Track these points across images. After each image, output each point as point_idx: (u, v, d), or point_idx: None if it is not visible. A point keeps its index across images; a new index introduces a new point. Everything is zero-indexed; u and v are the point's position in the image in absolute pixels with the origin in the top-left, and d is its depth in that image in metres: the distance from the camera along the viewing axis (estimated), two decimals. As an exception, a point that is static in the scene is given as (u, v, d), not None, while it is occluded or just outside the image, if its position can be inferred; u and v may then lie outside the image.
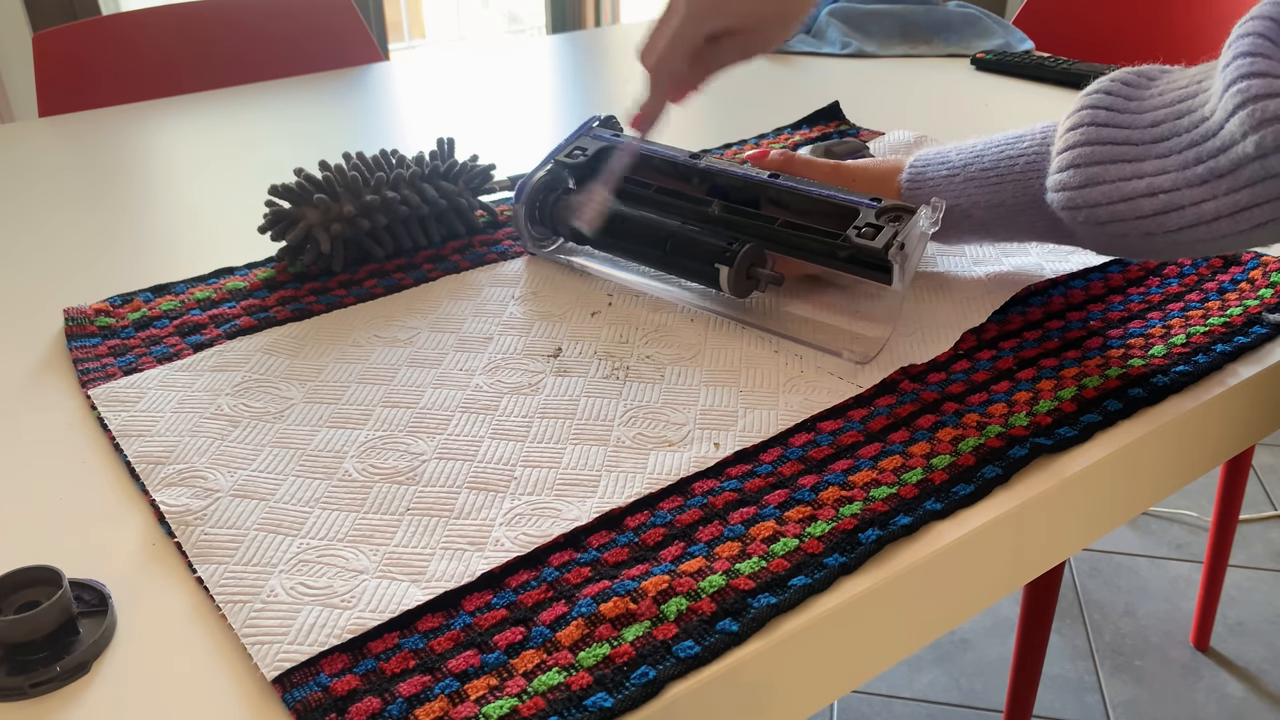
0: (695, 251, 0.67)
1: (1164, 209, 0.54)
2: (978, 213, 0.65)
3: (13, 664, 0.42)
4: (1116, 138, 0.56)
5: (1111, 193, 0.56)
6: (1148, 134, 0.55)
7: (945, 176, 0.66)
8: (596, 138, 0.76)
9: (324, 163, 0.74)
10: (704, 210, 0.70)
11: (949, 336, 0.64)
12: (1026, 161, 0.62)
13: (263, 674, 0.41)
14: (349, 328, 0.66)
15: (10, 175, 0.94)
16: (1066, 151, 0.58)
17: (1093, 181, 0.56)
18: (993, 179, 0.64)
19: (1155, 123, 0.55)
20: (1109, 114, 0.57)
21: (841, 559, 0.47)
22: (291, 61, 1.33)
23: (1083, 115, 0.58)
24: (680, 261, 0.68)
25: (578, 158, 0.75)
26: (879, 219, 0.63)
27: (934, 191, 0.66)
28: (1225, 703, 1.43)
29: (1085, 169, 0.57)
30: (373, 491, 0.51)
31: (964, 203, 0.65)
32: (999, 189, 0.64)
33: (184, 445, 0.55)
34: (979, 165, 0.65)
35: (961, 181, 0.65)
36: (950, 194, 0.66)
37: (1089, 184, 0.56)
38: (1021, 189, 0.63)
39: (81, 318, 0.67)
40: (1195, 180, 0.52)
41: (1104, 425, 0.57)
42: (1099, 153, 0.56)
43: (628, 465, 0.53)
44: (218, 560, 0.47)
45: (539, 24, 2.70)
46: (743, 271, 0.66)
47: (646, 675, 0.41)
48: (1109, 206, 0.56)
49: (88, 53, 1.24)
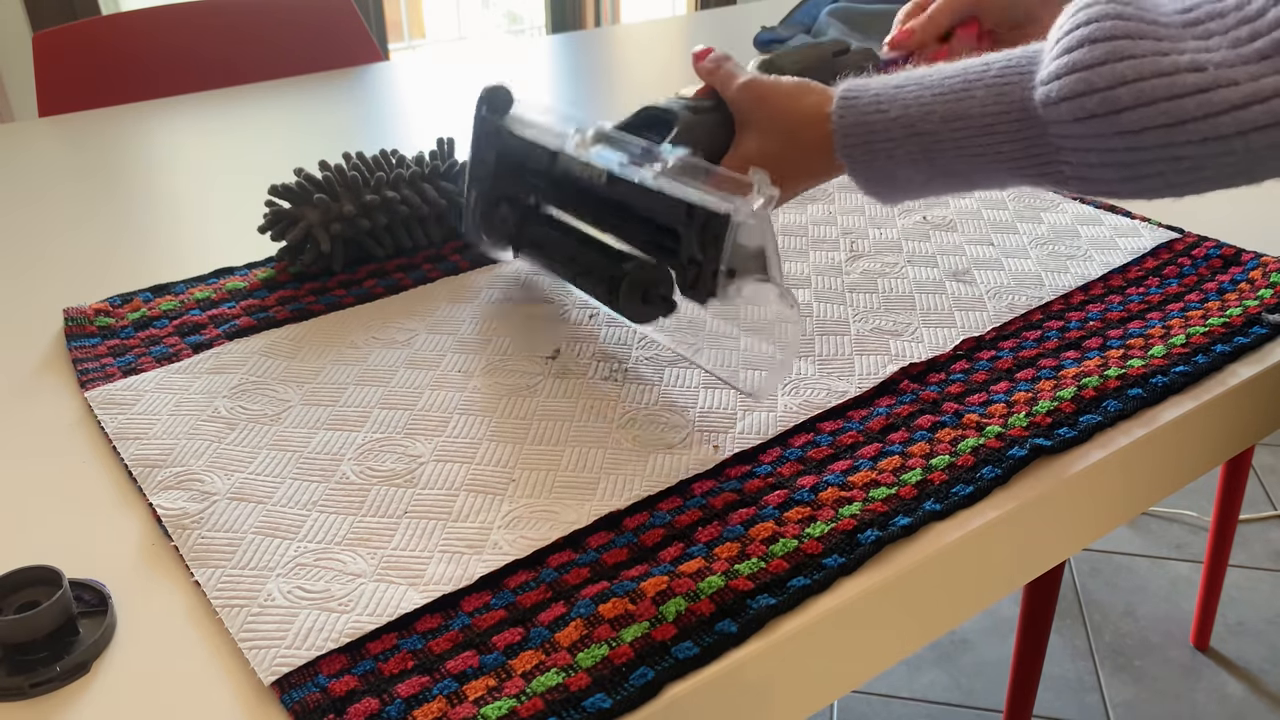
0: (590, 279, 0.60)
1: (1211, 84, 0.45)
2: (928, 126, 0.53)
3: (13, 664, 0.42)
4: (1144, 17, 0.47)
5: (1143, 67, 0.46)
6: (1179, 19, 0.47)
7: (894, 87, 0.55)
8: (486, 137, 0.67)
9: (324, 163, 0.74)
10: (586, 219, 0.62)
11: (949, 339, 0.64)
12: (1006, 64, 0.52)
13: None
14: (346, 329, 0.66)
15: (10, 175, 0.94)
16: (1079, 29, 0.48)
17: (1116, 56, 0.46)
18: (957, 84, 0.53)
19: (1187, 8, 0.47)
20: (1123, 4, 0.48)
21: (841, 560, 0.47)
22: (291, 61, 1.33)
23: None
24: (588, 289, 0.62)
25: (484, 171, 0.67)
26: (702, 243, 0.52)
27: (874, 102, 0.54)
28: (1225, 703, 1.43)
29: (1105, 43, 0.47)
30: (370, 494, 0.51)
31: (914, 113, 0.53)
32: (965, 95, 0.53)
33: (181, 448, 0.55)
34: (938, 75, 0.54)
35: (914, 89, 0.54)
36: (897, 105, 0.54)
37: (1112, 58, 0.46)
38: (994, 95, 0.52)
39: (81, 318, 0.67)
40: (1253, 56, 0.44)
41: (1103, 426, 0.56)
42: (1122, 28, 0.47)
43: (627, 467, 0.53)
44: (215, 564, 0.47)
45: (539, 24, 2.70)
46: (635, 297, 0.58)
47: (645, 676, 0.41)
48: (1136, 85, 0.46)
49: (88, 53, 1.24)
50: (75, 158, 0.98)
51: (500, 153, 0.66)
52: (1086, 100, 0.47)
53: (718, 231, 0.51)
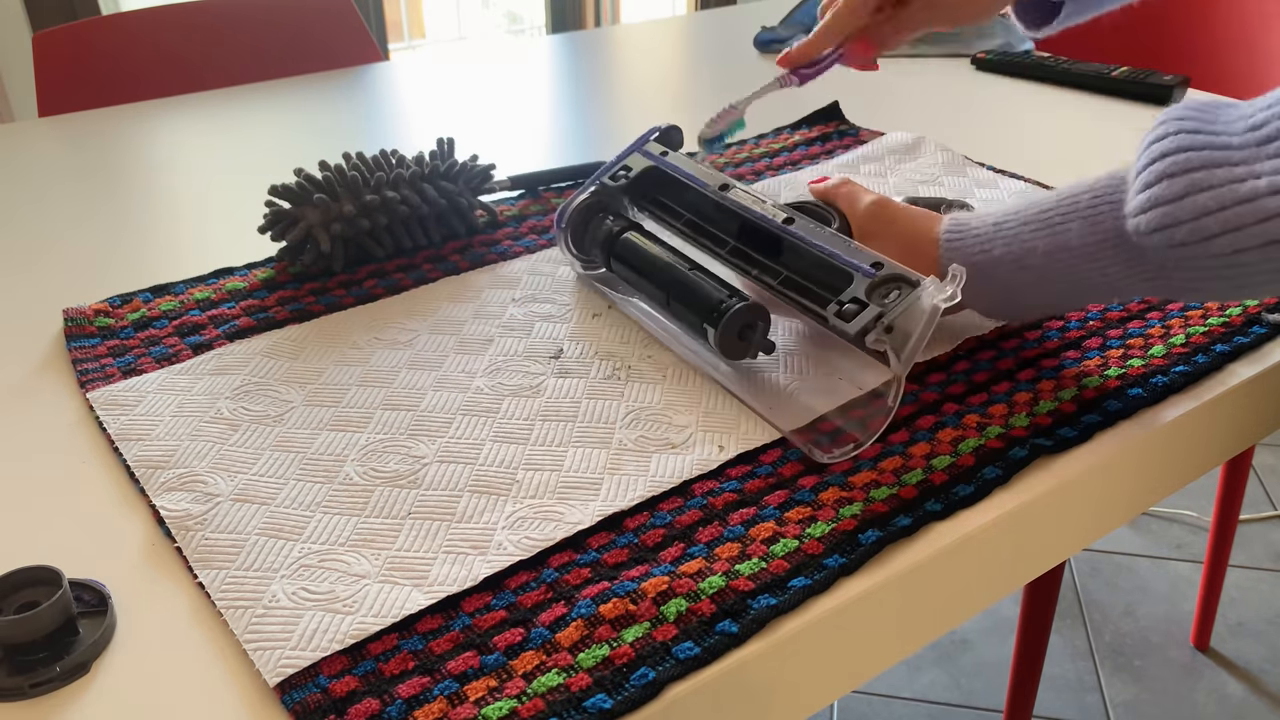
0: (692, 303, 0.61)
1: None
2: (1034, 261, 0.55)
3: (13, 664, 0.42)
4: (1215, 143, 0.48)
5: (1224, 196, 0.47)
6: (1251, 137, 0.47)
7: (993, 225, 0.58)
8: (645, 154, 0.71)
9: (324, 163, 0.74)
10: (720, 252, 0.64)
11: (951, 339, 0.64)
12: (1094, 197, 0.54)
13: (262, 675, 0.41)
14: (349, 330, 0.66)
15: (10, 175, 0.94)
16: (1155, 164, 0.49)
17: (1195, 188, 0.47)
18: (1054, 219, 0.55)
19: (1257, 125, 0.47)
20: (1198, 122, 0.49)
21: (841, 560, 0.47)
22: (291, 61, 1.33)
23: (1166, 127, 0.50)
24: (679, 311, 0.63)
25: (620, 179, 0.70)
26: (869, 294, 0.55)
27: (977, 242, 0.57)
28: (1225, 703, 1.43)
29: (1182, 177, 0.48)
30: (374, 495, 0.51)
31: (1016, 249, 0.56)
32: (1061, 229, 0.54)
33: (184, 449, 0.55)
34: (1034, 209, 0.56)
35: (1014, 227, 0.56)
36: (1000, 243, 0.57)
37: (1192, 191, 0.47)
38: (1090, 226, 0.53)
39: (81, 318, 0.67)
40: None
41: (1104, 425, 0.56)
42: (1197, 159, 0.48)
43: (630, 468, 0.53)
44: (219, 565, 0.47)
45: (539, 24, 2.70)
46: (733, 333, 0.59)
47: (646, 676, 0.41)
48: (1220, 214, 0.47)
49: (88, 53, 1.24)
50: (75, 158, 0.98)
51: (653, 170, 0.70)
52: (1175, 231, 0.48)
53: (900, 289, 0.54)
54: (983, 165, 0.90)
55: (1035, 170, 0.89)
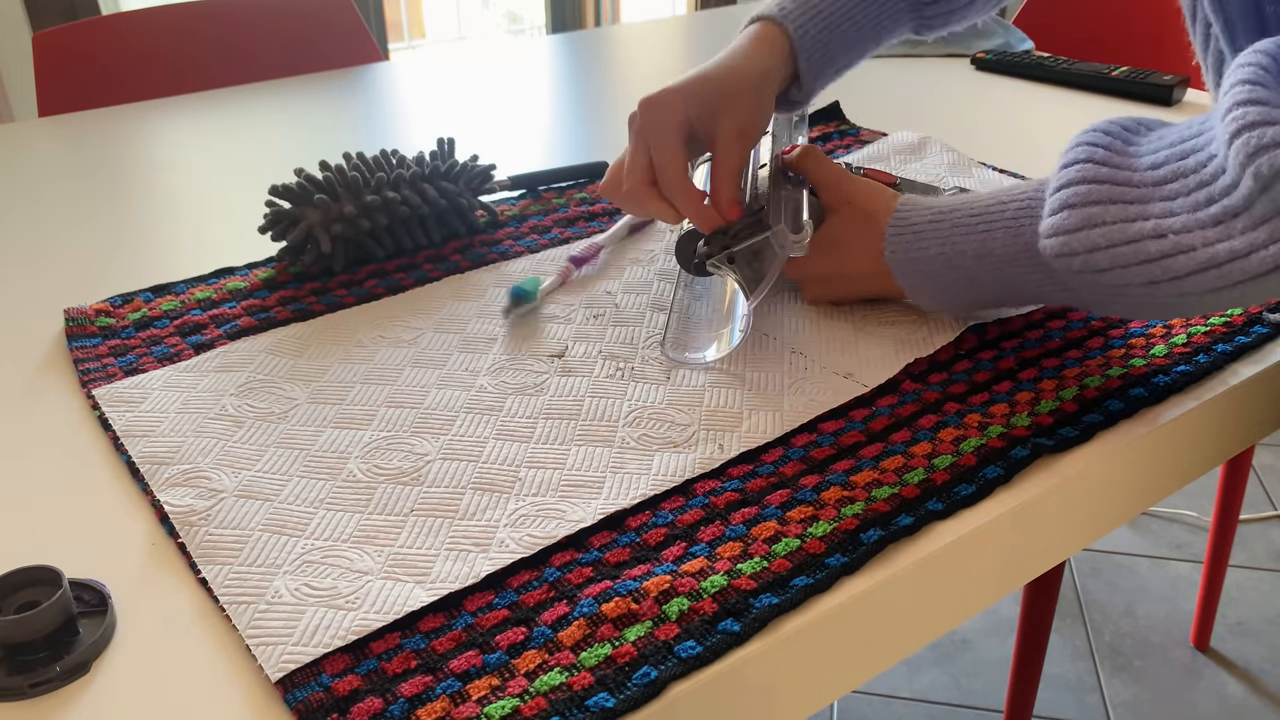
0: None
1: (1172, 251, 0.49)
2: (965, 263, 0.59)
3: (13, 664, 0.42)
4: (1116, 178, 0.51)
5: (1113, 234, 0.50)
6: (1149, 176, 0.51)
7: (930, 221, 0.61)
8: None
9: (324, 163, 0.74)
10: None
11: (954, 329, 0.64)
12: (1019, 206, 0.57)
13: (263, 674, 0.41)
14: (353, 328, 0.66)
15: (10, 175, 0.94)
16: (1061, 191, 0.53)
17: (1091, 223, 0.51)
18: (980, 225, 0.59)
19: (1156, 164, 0.51)
20: (1107, 153, 0.52)
21: (843, 559, 0.47)
22: (291, 61, 1.33)
23: (1078, 153, 0.53)
24: None
25: None
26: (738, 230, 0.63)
27: (917, 236, 0.61)
28: (1225, 703, 1.43)
29: (1082, 209, 0.52)
30: (377, 492, 0.51)
31: (949, 250, 0.60)
32: (987, 236, 0.58)
33: (188, 446, 0.55)
34: (967, 210, 0.60)
35: (948, 227, 0.60)
36: (934, 242, 0.60)
37: (1086, 225, 0.51)
38: (1011, 236, 0.57)
39: (82, 318, 0.67)
40: (1208, 221, 0.48)
41: (1105, 425, 0.57)
42: (1097, 192, 0.51)
43: (632, 466, 0.53)
44: (222, 561, 0.47)
45: (539, 24, 2.70)
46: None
47: (648, 675, 0.41)
48: (1109, 251, 0.51)
49: (88, 53, 1.24)
50: (75, 158, 0.98)
51: None
52: (1072, 261, 0.53)
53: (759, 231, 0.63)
54: (985, 165, 0.90)
55: (1035, 170, 0.89)
